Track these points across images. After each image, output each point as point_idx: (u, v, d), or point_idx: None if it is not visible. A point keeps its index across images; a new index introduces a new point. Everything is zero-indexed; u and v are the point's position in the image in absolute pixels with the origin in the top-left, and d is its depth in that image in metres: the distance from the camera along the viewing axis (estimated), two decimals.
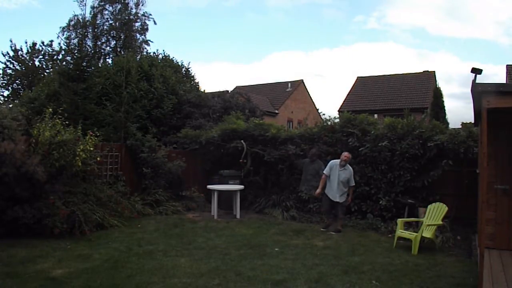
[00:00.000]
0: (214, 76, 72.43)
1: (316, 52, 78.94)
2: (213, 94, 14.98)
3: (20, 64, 23.63)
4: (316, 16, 68.60)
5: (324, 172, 7.94)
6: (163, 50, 32.12)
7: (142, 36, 24.73)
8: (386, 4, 68.74)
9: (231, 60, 77.67)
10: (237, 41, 73.86)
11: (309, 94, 36.03)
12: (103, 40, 23.66)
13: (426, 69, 28.47)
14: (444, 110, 16.85)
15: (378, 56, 79.28)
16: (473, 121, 8.25)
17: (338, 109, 26.59)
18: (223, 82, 74.48)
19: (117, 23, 23.50)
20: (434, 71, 27.93)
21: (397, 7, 69.00)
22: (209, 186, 9.42)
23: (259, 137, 10.13)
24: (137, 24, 24.49)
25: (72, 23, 22.85)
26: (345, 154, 7.90)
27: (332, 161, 8.01)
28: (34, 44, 24.17)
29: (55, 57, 23.44)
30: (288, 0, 60.02)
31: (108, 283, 4.45)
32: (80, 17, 22.67)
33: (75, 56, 12.30)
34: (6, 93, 23.25)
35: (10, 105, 10.69)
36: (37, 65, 23.91)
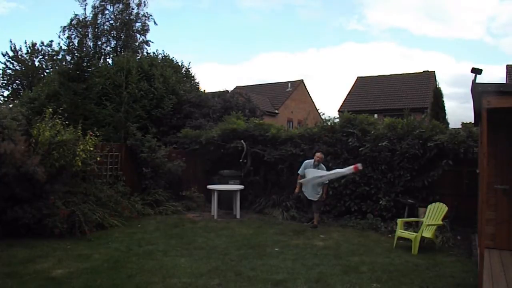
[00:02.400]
0: (206, 77, 71.93)
1: (303, 53, 78.20)
2: (213, 94, 14.99)
3: (20, 64, 23.64)
4: (294, 17, 67.54)
5: (299, 172, 8.43)
6: (163, 50, 32.21)
7: (143, 37, 24.74)
8: (364, 6, 67.75)
9: (217, 61, 76.57)
10: (219, 41, 72.31)
11: (309, 94, 36.03)
12: (103, 40, 23.66)
13: (426, 69, 28.45)
14: (444, 110, 16.79)
15: (365, 57, 78.82)
16: (464, 121, 8.26)
17: (338, 109, 26.59)
18: (214, 82, 73.90)
19: (118, 23, 23.49)
20: (434, 71, 27.91)
21: (376, 9, 68.13)
22: (209, 186, 9.42)
23: (259, 137, 10.13)
24: (137, 25, 24.49)
25: (74, 22, 22.86)
26: (318, 154, 8.34)
27: (306, 161, 8.48)
28: (34, 44, 24.19)
29: (55, 57, 23.45)
30: (263, 2, 58.82)
31: (108, 283, 4.45)
32: (81, 16, 22.70)
33: (75, 56, 12.31)
34: (6, 93, 23.28)
35: (10, 105, 10.69)
36: (37, 65, 23.92)
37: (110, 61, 20.53)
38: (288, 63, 72.58)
